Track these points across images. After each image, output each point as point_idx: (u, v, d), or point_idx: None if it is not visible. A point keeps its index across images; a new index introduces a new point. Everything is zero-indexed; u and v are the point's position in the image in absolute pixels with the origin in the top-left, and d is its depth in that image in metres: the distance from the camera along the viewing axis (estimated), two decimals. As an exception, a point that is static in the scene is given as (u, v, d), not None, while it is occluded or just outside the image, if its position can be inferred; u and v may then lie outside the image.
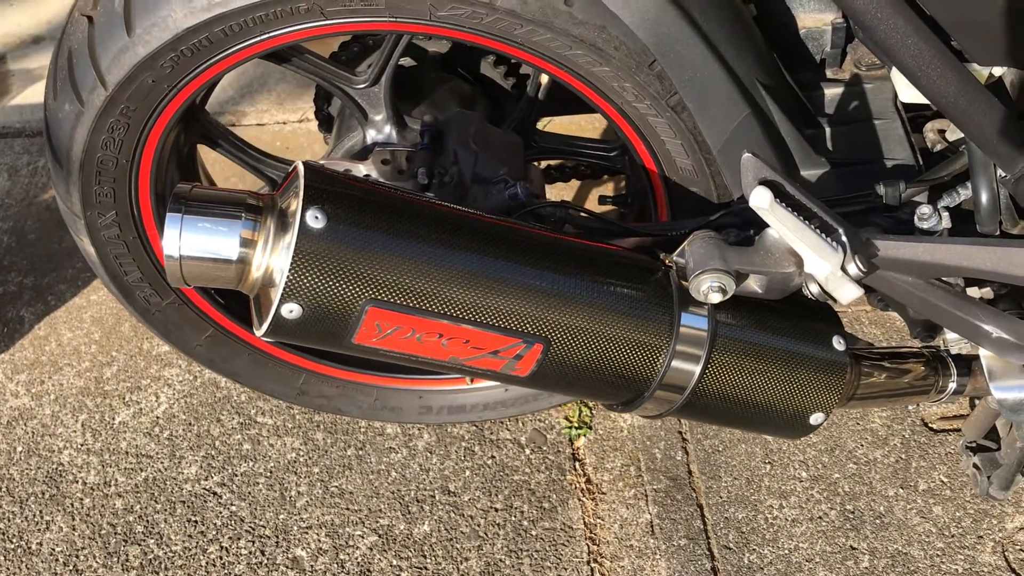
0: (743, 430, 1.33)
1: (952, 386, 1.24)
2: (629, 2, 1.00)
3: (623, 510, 1.61)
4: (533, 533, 1.58)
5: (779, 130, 1.15)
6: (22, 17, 2.47)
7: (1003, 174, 1.03)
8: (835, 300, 1.00)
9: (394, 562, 1.54)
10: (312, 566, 1.54)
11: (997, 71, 1.02)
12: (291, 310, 0.86)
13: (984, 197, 1.06)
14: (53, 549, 1.54)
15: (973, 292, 1.22)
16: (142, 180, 1.18)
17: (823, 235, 0.96)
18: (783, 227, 0.95)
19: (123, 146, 1.14)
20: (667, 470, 1.65)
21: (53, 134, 1.14)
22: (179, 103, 1.12)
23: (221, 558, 1.54)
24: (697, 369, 1.00)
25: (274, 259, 0.86)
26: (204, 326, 1.37)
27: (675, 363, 1.00)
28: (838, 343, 1.07)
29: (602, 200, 1.48)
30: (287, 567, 1.53)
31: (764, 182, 0.94)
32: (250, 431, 1.69)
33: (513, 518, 1.60)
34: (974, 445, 1.48)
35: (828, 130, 1.23)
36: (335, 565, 1.54)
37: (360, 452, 1.67)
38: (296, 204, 0.85)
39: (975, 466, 1.49)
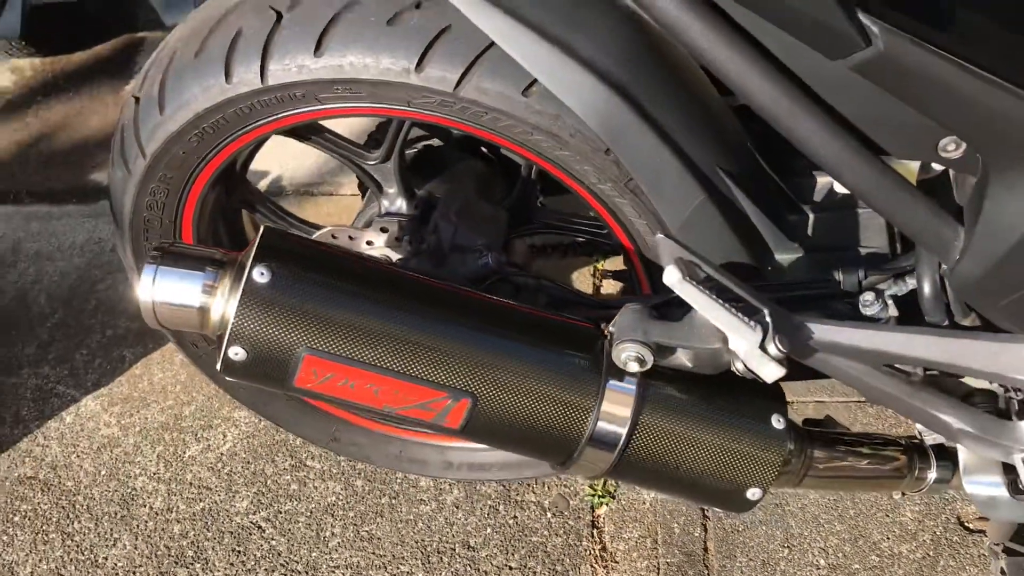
0: (681, 498, 1.35)
1: (931, 476, 1.23)
2: (579, 95, 1.09)
3: (633, 580, 1.64)
4: (542, 594, 1.63)
5: (746, 215, 1.20)
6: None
7: (945, 267, 1.05)
8: (760, 378, 1.04)
9: (407, 607, 1.63)
10: (333, 603, 1.65)
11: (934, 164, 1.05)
12: (236, 352, 1.00)
13: (927, 288, 1.07)
14: (115, 564, 1.73)
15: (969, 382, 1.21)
16: (184, 238, 1.36)
17: (740, 315, 1.01)
18: (697, 305, 1.00)
19: (165, 208, 1.32)
20: (683, 545, 1.67)
21: (112, 197, 1.35)
22: (211, 171, 1.29)
23: (255, 587, 1.68)
24: (623, 431, 1.06)
25: (227, 308, 1.00)
26: None
27: (602, 424, 1.06)
28: (776, 421, 1.10)
29: (605, 275, 1.55)
30: (311, 602, 1.65)
31: (679, 262, 1.00)
32: (299, 473, 1.83)
33: (525, 577, 1.66)
34: (1001, 547, 1.43)
35: (811, 216, 1.27)
36: (353, 604, 1.64)
37: (393, 501, 1.78)
38: (248, 260, 0.99)
39: (1002, 571, 1.44)
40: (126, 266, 1.43)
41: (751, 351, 1.01)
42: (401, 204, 1.37)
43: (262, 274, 0.99)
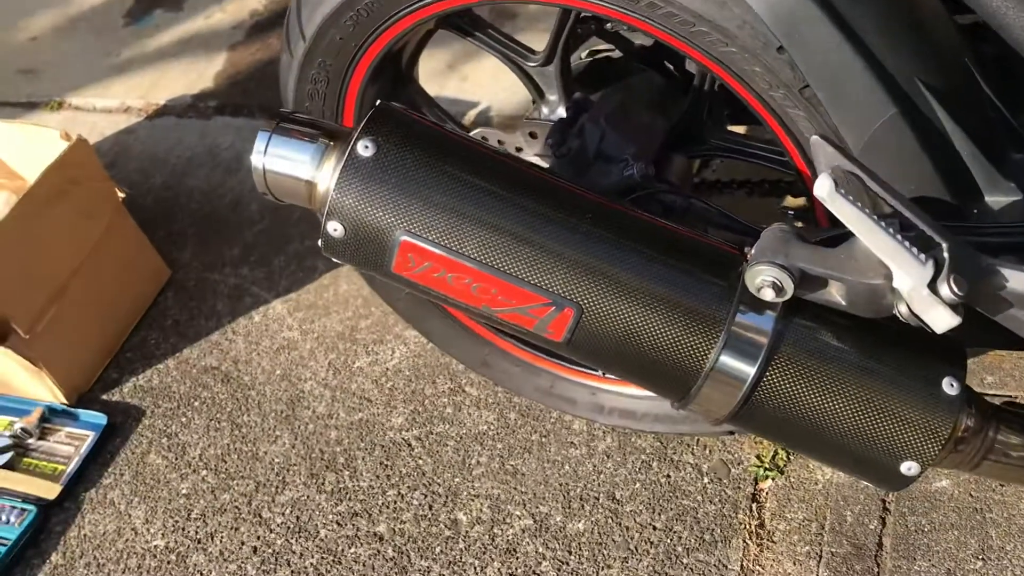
0: (823, 463, 1.15)
1: None
2: (748, -24, 0.93)
3: (789, 564, 1.46)
4: (684, 561, 1.49)
5: (950, 142, 0.99)
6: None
7: None
8: (926, 325, 0.85)
9: (540, 550, 1.55)
10: (467, 531, 1.59)
11: None
12: (335, 228, 0.94)
13: None
14: (273, 460, 1.77)
15: None
16: (348, 98, 1.32)
17: (908, 244, 0.82)
18: (853, 225, 0.83)
19: (326, 98, 1.29)
20: (854, 536, 1.46)
21: (279, 85, 1.34)
22: (370, 60, 1.24)
23: (395, 502, 1.66)
24: (751, 370, 0.90)
25: (331, 181, 0.95)
26: None
27: (726, 359, 0.91)
28: (949, 385, 0.90)
29: (785, 213, 1.36)
30: (446, 526, 1.61)
31: (836, 170, 0.83)
32: (456, 397, 1.79)
33: (669, 540, 1.52)
34: None
35: (1046, 156, 1.04)
36: (486, 536, 1.58)
37: (543, 439, 1.69)
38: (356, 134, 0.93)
39: None
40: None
41: (917, 290, 0.82)
42: (560, 112, 1.26)
43: (366, 147, 0.92)
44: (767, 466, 1.57)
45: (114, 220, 1.99)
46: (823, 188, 0.82)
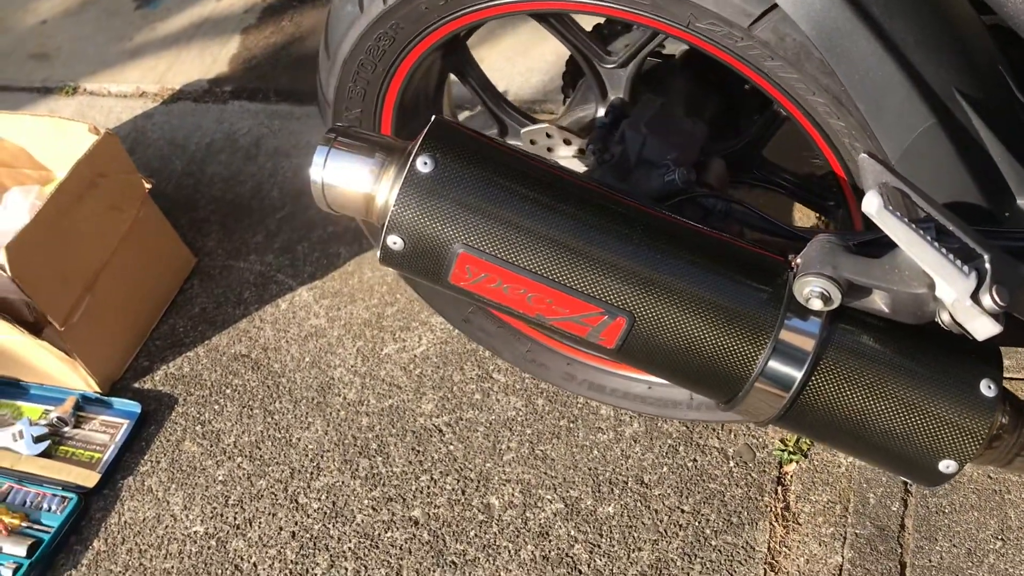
0: (859, 458, 1.20)
1: None
2: (794, -7, 0.96)
3: (814, 545, 1.51)
4: (712, 543, 1.55)
5: (984, 148, 1.03)
6: None
7: None
8: (968, 333, 0.89)
9: (572, 532, 1.60)
10: (500, 515, 1.64)
11: None
12: (395, 242, 0.97)
13: None
14: (307, 446, 1.82)
15: None
16: (391, 90, 1.32)
17: (952, 256, 0.86)
18: (899, 239, 0.86)
19: (384, 56, 1.28)
20: (877, 517, 1.52)
21: (331, 28, 1.31)
22: (444, 33, 1.23)
23: (428, 487, 1.71)
24: (799, 374, 0.94)
25: (390, 195, 0.98)
26: None
27: (774, 364, 0.95)
28: (987, 387, 0.94)
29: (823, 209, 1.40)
30: (479, 510, 1.66)
31: (883, 187, 0.86)
32: (484, 384, 1.84)
33: (697, 523, 1.57)
34: None
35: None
36: (519, 520, 1.63)
37: (571, 425, 1.74)
38: (415, 150, 0.96)
39: None
40: (322, 101, 1.40)
41: (961, 301, 0.86)
42: (615, 114, 1.28)
43: (425, 163, 0.95)
44: (791, 450, 1.62)
45: (141, 211, 2.02)
46: (872, 205, 0.85)
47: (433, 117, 1.00)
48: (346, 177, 1.01)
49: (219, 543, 1.71)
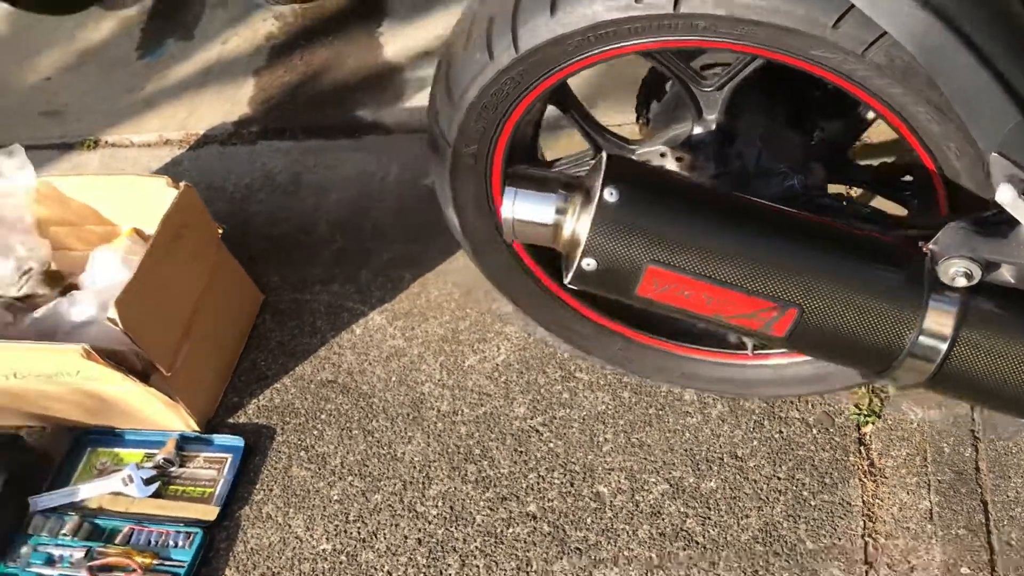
0: (995, 410, 1.38)
1: None
2: (896, 18, 1.13)
3: (903, 494, 1.69)
4: (812, 503, 1.72)
5: (1067, 139, 1.21)
6: (417, 35, 2.96)
7: None
8: (1088, 296, 1.07)
9: (682, 509, 1.76)
10: (611, 501, 1.80)
11: None
12: (589, 263, 1.12)
13: None
14: (412, 459, 1.94)
15: None
16: (507, 126, 1.43)
17: (1071, 231, 1.04)
18: (1030, 222, 1.04)
19: (506, 98, 1.39)
20: (953, 464, 1.71)
21: (454, 75, 1.41)
22: (561, 76, 1.35)
23: (538, 484, 1.85)
24: (944, 346, 1.12)
25: (579, 225, 1.13)
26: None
27: (923, 338, 1.12)
28: (1094, 338, 1.12)
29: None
30: (591, 499, 1.81)
31: (1013, 179, 1.04)
32: (569, 383, 1.98)
33: (794, 487, 1.74)
34: None
35: None
36: (631, 504, 1.79)
37: (660, 412, 1.90)
38: (598, 183, 1.11)
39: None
40: (442, 143, 1.50)
41: (1081, 268, 1.04)
42: (712, 130, 1.43)
43: (611, 194, 1.10)
44: (866, 412, 1.80)
45: (217, 255, 2.12)
46: (1006, 195, 1.03)
47: (605, 154, 1.15)
48: (533, 213, 1.15)
49: (349, 557, 1.83)
